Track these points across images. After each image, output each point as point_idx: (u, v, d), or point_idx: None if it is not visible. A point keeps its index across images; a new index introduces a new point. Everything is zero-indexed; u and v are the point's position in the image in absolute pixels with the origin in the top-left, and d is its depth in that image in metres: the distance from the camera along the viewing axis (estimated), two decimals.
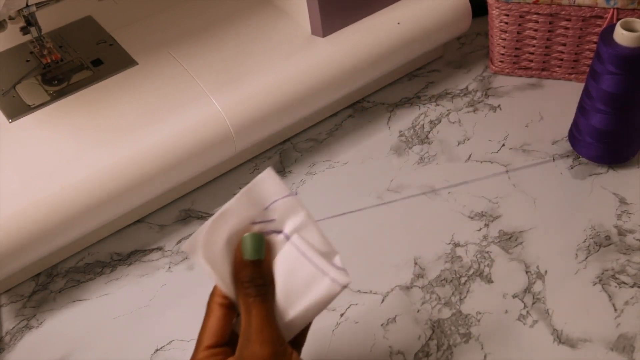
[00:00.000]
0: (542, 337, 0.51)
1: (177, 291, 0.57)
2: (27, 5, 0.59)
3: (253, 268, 0.39)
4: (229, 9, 0.71)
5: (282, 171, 0.66)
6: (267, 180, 0.41)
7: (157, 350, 0.53)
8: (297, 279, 0.40)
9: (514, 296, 0.54)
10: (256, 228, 0.40)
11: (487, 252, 0.57)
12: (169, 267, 0.59)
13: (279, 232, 0.41)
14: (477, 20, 0.77)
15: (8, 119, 0.60)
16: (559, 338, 0.51)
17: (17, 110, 0.61)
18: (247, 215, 0.40)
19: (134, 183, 0.57)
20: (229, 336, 0.40)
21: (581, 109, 0.62)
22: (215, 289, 0.40)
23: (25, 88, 0.63)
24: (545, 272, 0.55)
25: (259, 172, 0.66)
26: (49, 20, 0.68)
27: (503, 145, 0.67)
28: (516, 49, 0.72)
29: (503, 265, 0.56)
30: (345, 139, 0.69)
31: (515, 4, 0.68)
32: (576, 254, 0.56)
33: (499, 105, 0.71)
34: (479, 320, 0.53)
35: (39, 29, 0.62)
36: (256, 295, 0.38)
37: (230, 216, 0.40)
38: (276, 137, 0.68)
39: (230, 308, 0.40)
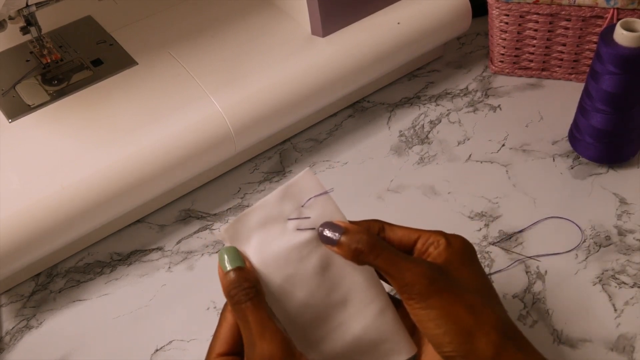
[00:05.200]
0: (542, 337, 0.51)
1: (177, 291, 0.57)
2: (27, 5, 0.59)
3: (236, 274, 0.38)
4: (229, 9, 0.71)
5: (282, 171, 0.66)
6: (305, 179, 0.42)
7: (157, 350, 0.53)
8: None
9: (514, 296, 0.54)
10: (291, 224, 0.41)
11: (487, 252, 0.57)
12: (169, 267, 0.59)
13: (314, 229, 0.41)
14: (477, 20, 0.77)
15: (8, 119, 0.60)
16: (559, 338, 0.51)
17: (17, 110, 0.61)
18: (282, 211, 0.41)
19: (134, 183, 0.57)
20: (241, 346, 0.39)
21: (581, 109, 0.62)
22: None
23: (25, 88, 0.63)
24: (545, 272, 0.55)
25: (259, 172, 0.66)
26: (49, 20, 0.68)
27: (503, 145, 0.67)
28: (516, 49, 0.72)
29: (503, 266, 0.56)
30: (345, 139, 0.69)
31: (515, 4, 0.68)
32: (576, 254, 0.56)
33: (499, 105, 0.71)
34: None
35: (39, 29, 0.62)
36: (247, 300, 0.37)
37: (264, 210, 0.41)
38: (276, 137, 0.68)
39: None
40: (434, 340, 0.38)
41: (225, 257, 0.39)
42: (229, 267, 0.38)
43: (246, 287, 0.38)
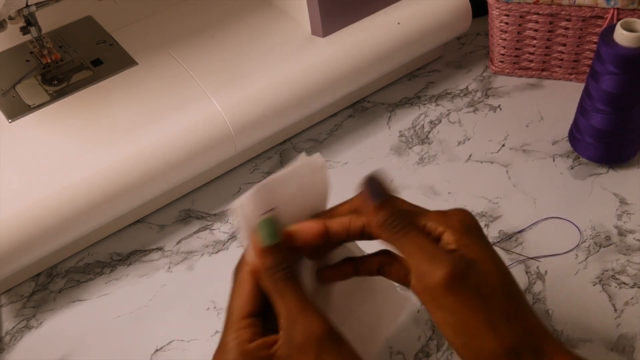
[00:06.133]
0: None
1: (177, 291, 0.57)
2: (27, 5, 0.59)
3: (275, 253, 0.38)
4: (229, 9, 0.71)
5: None
6: (313, 170, 0.43)
7: (157, 350, 0.53)
8: None
9: None
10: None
11: None
12: (169, 267, 0.59)
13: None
14: (477, 20, 0.77)
15: (8, 119, 0.60)
16: (559, 338, 0.51)
17: (17, 110, 0.61)
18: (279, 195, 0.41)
19: (134, 183, 0.57)
20: (260, 308, 0.39)
21: (581, 109, 0.62)
22: (243, 258, 0.40)
23: (25, 88, 0.63)
24: (545, 272, 0.55)
25: (259, 172, 0.66)
26: (49, 20, 0.68)
27: (503, 145, 0.67)
28: (516, 49, 0.72)
29: None
30: (345, 139, 0.69)
31: (515, 4, 0.68)
32: (576, 254, 0.56)
33: (499, 106, 0.71)
34: None
35: (39, 29, 0.62)
36: (286, 279, 0.37)
37: (278, 185, 0.40)
38: (276, 137, 0.68)
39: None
40: (445, 333, 0.37)
41: (265, 229, 0.38)
42: (267, 243, 0.38)
43: (284, 267, 0.38)
